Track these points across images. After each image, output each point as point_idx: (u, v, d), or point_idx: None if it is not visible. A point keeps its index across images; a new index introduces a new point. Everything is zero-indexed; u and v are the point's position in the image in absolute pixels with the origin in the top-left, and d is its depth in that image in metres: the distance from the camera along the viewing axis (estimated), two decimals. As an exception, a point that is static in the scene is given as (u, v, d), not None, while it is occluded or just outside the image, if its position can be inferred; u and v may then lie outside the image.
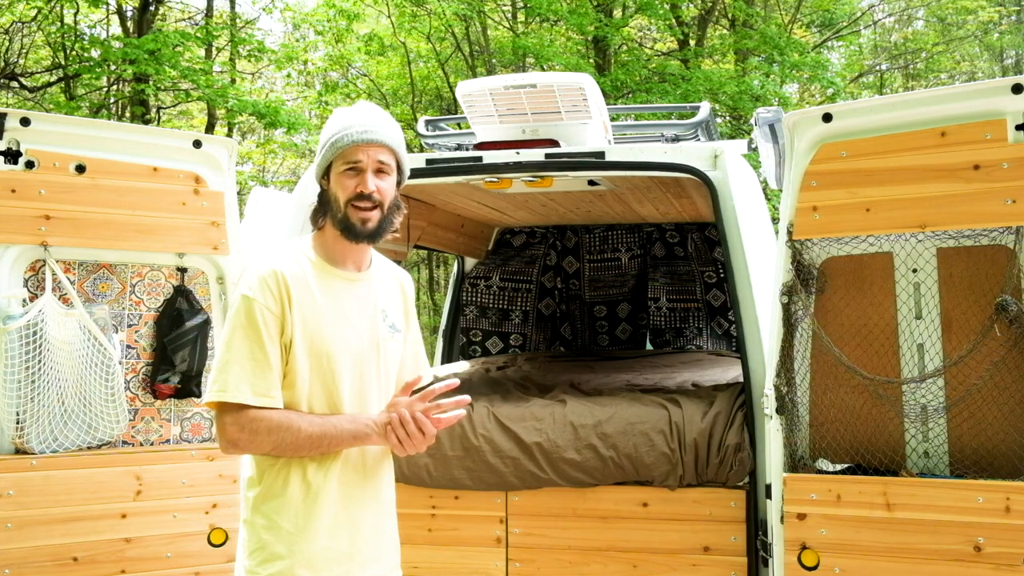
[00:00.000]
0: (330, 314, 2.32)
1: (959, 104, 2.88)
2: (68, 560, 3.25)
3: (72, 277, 3.40)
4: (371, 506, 2.39)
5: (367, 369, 2.38)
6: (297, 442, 2.22)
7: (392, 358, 2.47)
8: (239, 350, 2.21)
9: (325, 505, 2.28)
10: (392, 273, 2.58)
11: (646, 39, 17.69)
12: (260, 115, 12.00)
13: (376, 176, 2.35)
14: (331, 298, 2.34)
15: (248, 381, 2.20)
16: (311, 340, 2.28)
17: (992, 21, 17.74)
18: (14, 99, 13.06)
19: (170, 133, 3.94)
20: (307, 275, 2.32)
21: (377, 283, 2.48)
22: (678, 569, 3.53)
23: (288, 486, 2.26)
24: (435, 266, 19.30)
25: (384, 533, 2.44)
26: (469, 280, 6.65)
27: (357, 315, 2.38)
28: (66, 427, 3.29)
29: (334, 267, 2.38)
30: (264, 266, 2.28)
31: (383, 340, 2.43)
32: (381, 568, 2.41)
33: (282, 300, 2.25)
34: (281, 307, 2.24)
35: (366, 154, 2.33)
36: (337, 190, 2.35)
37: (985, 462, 2.88)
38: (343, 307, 2.36)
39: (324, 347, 2.29)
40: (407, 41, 15.29)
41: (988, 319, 2.88)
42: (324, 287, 2.34)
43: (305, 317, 2.28)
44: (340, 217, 2.34)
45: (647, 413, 3.62)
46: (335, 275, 2.38)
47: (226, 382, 2.20)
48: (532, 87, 3.75)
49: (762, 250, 3.71)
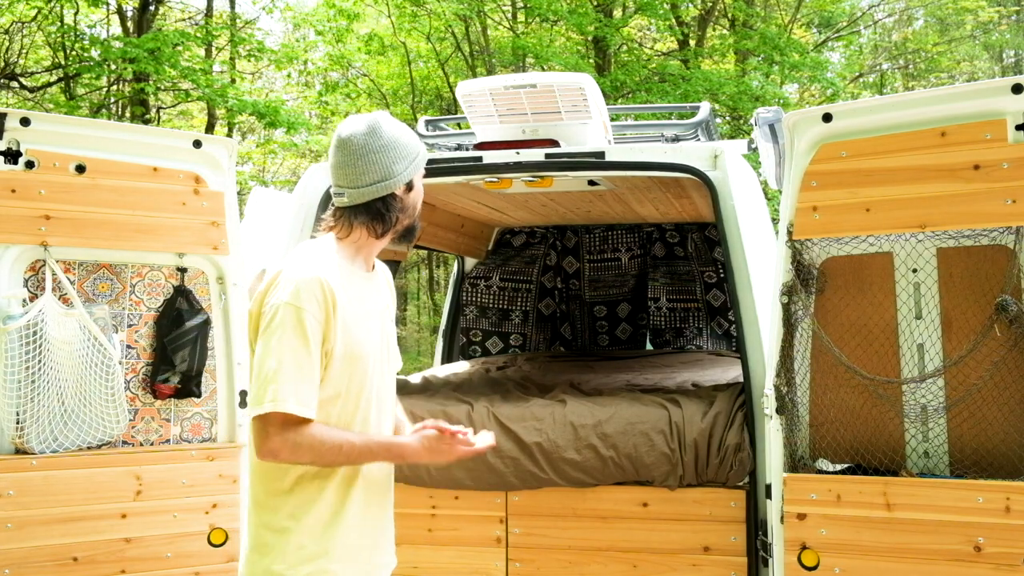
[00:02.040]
0: (360, 316, 2.37)
1: (959, 104, 2.88)
2: (68, 560, 3.25)
3: (72, 277, 3.40)
4: (387, 498, 2.50)
5: (384, 366, 2.45)
6: (336, 460, 2.27)
7: (394, 352, 2.55)
8: (286, 360, 2.21)
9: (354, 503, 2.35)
10: (384, 269, 2.65)
11: (646, 39, 17.69)
12: (260, 115, 12.00)
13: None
14: (358, 300, 2.38)
15: (294, 393, 2.20)
16: (349, 344, 2.31)
17: (992, 21, 17.74)
18: (14, 99, 13.06)
19: (170, 133, 3.94)
20: (342, 279, 2.35)
21: (380, 282, 2.55)
22: (678, 569, 3.53)
23: (323, 492, 2.31)
24: (435, 266, 19.31)
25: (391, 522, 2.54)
26: (469, 280, 6.65)
27: (375, 314, 2.45)
28: (66, 427, 3.29)
29: (355, 268, 2.43)
30: (306, 273, 2.27)
31: (391, 336, 2.52)
32: (391, 555, 2.53)
33: (327, 308, 2.26)
34: (326, 315, 2.26)
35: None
36: (418, 200, 2.48)
37: (985, 462, 2.88)
38: (367, 307, 2.41)
39: (359, 349, 2.34)
40: (407, 41, 15.30)
41: (988, 319, 2.88)
42: (353, 288, 2.37)
43: (346, 322, 2.31)
44: (410, 224, 2.48)
45: (647, 413, 3.62)
46: (358, 275, 2.43)
47: (276, 392, 2.19)
48: (532, 87, 3.75)
49: (762, 250, 3.71)
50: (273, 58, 13.97)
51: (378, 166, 2.38)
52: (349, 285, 2.36)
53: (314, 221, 3.82)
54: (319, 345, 2.25)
